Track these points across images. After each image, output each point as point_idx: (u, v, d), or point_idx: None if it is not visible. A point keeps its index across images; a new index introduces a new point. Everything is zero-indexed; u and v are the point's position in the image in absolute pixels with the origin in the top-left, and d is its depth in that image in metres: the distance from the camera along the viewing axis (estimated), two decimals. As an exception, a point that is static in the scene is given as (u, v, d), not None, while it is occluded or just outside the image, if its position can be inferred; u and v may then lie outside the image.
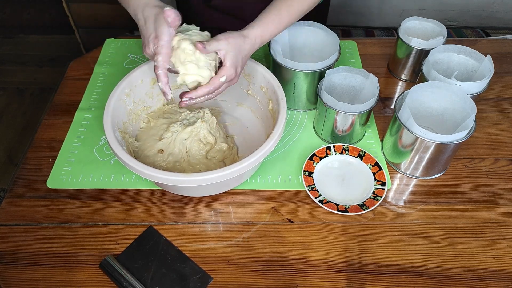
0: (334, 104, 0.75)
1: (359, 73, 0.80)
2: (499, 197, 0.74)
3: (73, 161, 0.79)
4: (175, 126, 0.77)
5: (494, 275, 0.65)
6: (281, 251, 0.67)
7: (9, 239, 0.69)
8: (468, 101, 0.72)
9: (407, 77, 0.95)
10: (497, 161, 0.80)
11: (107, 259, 0.64)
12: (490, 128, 0.86)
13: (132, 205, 0.73)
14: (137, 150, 0.77)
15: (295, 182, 0.76)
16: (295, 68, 0.80)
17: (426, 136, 0.69)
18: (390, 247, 0.68)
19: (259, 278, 0.64)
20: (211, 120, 0.80)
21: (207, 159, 0.76)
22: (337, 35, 0.84)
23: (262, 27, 0.71)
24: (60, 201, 0.74)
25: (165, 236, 0.69)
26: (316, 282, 0.64)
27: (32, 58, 2.17)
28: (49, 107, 0.90)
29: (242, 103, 0.86)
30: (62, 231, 0.70)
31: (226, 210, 0.73)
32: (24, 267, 0.66)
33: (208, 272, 0.65)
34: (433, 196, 0.75)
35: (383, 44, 1.05)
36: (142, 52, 0.66)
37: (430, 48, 0.86)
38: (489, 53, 0.82)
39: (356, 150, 0.78)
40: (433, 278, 0.64)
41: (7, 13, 2.41)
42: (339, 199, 0.73)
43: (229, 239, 0.69)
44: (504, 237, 0.69)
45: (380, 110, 0.89)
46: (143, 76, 0.79)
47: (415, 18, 0.92)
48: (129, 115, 0.78)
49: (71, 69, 0.98)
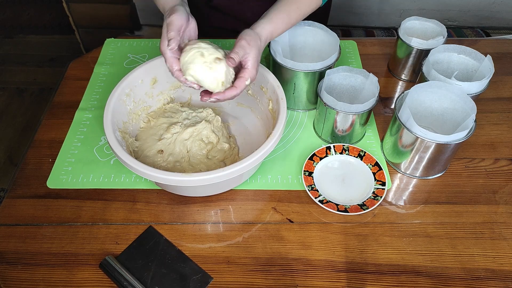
0: (334, 104, 0.75)
1: (359, 73, 0.80)
2: (499, 197, 0.74)
3: (73, 161, 0.79)
4: (175, 128, 0.77)
5: (494, 275, 0.65)
6: (281, 251, 0.67)
7: (9, 239, 0.69)
8: (468, 101, 0.72)
9: (407, 77, 0.95)
10: (497, 161, 0.80)
11: (107, 259, 0.64)
12: (490, 128, 0.86)
13: (132, 205, 0.73)
14: (137, 150, 0.77)
15: (295, 182, 0.76)
16: (295, 68, 0.80)
17: (426, 136, 0.69)
18: (390, 247, 0.68)
19: (259, 278, 0.64)
20: (215, 119, 0.80)
21: (207, 159, 0.76)
22: (337, 35, 0.84)
23: (272, 25, 0.72)
24: (60, 201, 0.74)
25: (165, 236, 0.69)
26: (316, 282, 0.64)
27: (32, 58, 2.17)
28: (49, 107, 0.90)
29: (242, 103, 0.86)
30: (62, 231, 0.70)
31: (226, 210, 0.73)
32: (24, 267, 0.66)
33: (208, 272, 0.65)
34: (433, 196, 0.75)
35: (383, 44, 1.05)
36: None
37: (430, 48, 0.86)
38: (489, 53, 0.82)
39: (356, 150, 0.78)
40: (433, 278, 0.64)
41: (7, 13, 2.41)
42: (339, 199, 0.73)
43: (229, 239, 0.69)
44: (504, 237, 0.69)
45: (380, 110, 0.89)
46: (143, 76, 0.79)
47: (415, 18, 0.92)
48: (129, 115, 0.78)
49: (71, 69, 0.98)
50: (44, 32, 2.31)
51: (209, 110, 0.82)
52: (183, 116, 0.81)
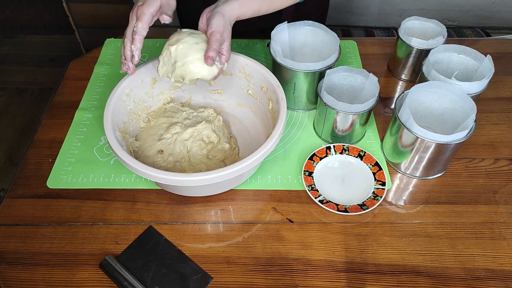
0: (334, 104, 0.75)
1: (359, 73, 0.80)
2: (499, 197, 0.74)
3: (73, 161, 0.79)
4: (176, 128, 0.77)
5: (494, 275, 0.65)
6: (281, 251, 0.67)
7: (9, 239, 0.69)
8: (468, 101, 0.72)
9: (407, 77, 0.95)
10: (497, 161, 0.80)
11: (107, 259, 0.64)
12: (490, 128, 0.86)
13: (132, 205, 0.73)
14: (137, 150, 0.77)
15: (295, 182, 0.76)
16: (295, 68, 0.80)
17: (426, 136, 0.69)
18: (390, 247, 0.68)
19: (259, 278, 0.64)
20: (217, 119, 0.80)
21: (208, 158, 0.76)
22: (337, 35, 0.84)
23: (241, 11, 0.72)
24: (60, 201, 0.74)
25: (165, 236, 0.69)
26: (316, 282, 0.64)
27: (32, 58, 2.17)
28: (49, 107, 0.90)
29: (242, 103, 0.86)
30: (62, 231, 0.70)
31: (226, 210, 0.73)
32: (24, 267, 0.66)
33: (208, 272, 0.65)
34: (433, 196, 0.75)
35: (383, 44, 1.05)
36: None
37: (430, 48, 0.86)
38: (489, 53, 0.82)
39: (356, 150, 0.78)
40: (433, 278, 0.64)
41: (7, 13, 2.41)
42: (339, 199, 0.73)
43: (229, 239, 0.69)
44: (504, 237, 0.69)
45: (380, 110, 0.89)
46: (143, 76, 0.79)
47: (415, 18, 0.92)
48: (129, 115, 0.78)
49: (71, 69, 0.98)
50: (44, 32, 2.31)
51: (211, 110, 0.82)
52: (183, 115, 0.81)
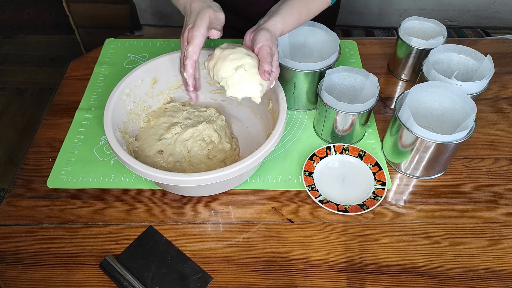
0: (334, 104, 0.75)
1: (359, 73, 0.80)
2: (499, 197, 0.74)
3: (73, 161, 0.79)
4: (176, 128, 0.77)
5: (494, 275, 0.65)
6: (281, 251, 0.67)
7: (9, 239, 0.69)
8: (468, 101, 0.72)
9: (407, 77, 0.95)
10: (497, 161, 0.80)
11: (107, 259, 0.64)
12: (490, 128, 0.86)
13: (132, 205, 0.73)
14: (137, 150, 0.77)
15: (295, 182, 0.76)
16: (295, 68, 0.80)
17: (426, 136, 0.69)
18: (390, 247, 0.68)
19: (259, 278, 0.64)
20: (220, 118, 0.80)
21: (208, 158, 0.76)
22: (337, 35, 0.84)
23: (284, 24, 0.72)
24: (60, 201, 0.74)
25: (165, 236, 0.69)
26: (316, 282, 0.64)
27: (32, 58, 2.17)
28: (49, 107, 0.90)
29: (242, 103, 0.86)
30: (62, 231, 0.70)
31: (226, 210, 0.73)
32: (24, 267, 0.66)
33: (208, 272, 0.65)
34: (433, 196, 0.75)
35: (383, 44, 1.05)
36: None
37: (430, 48, 0.86)
38: (489, 53, 0.82)
39: (356, 150, 0.78)
40: (433, 278, 0.64)
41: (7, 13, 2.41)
42: (339, 199, 0.73)
43: (229, 239, 0.69)
44: (504, 237, 0.69)
45: (380, 110, 0.89)
46: (143, 76, 0.79)
47: (415, 18, 0.92)
48: (129, 115, 0.78)
49: (71, 69, 0.98)
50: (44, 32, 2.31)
51: (213, 110, 0.82)
52: (184, 115, 0.81)
